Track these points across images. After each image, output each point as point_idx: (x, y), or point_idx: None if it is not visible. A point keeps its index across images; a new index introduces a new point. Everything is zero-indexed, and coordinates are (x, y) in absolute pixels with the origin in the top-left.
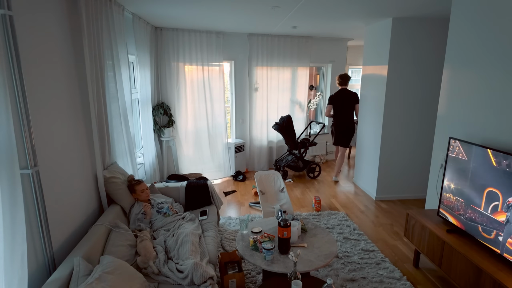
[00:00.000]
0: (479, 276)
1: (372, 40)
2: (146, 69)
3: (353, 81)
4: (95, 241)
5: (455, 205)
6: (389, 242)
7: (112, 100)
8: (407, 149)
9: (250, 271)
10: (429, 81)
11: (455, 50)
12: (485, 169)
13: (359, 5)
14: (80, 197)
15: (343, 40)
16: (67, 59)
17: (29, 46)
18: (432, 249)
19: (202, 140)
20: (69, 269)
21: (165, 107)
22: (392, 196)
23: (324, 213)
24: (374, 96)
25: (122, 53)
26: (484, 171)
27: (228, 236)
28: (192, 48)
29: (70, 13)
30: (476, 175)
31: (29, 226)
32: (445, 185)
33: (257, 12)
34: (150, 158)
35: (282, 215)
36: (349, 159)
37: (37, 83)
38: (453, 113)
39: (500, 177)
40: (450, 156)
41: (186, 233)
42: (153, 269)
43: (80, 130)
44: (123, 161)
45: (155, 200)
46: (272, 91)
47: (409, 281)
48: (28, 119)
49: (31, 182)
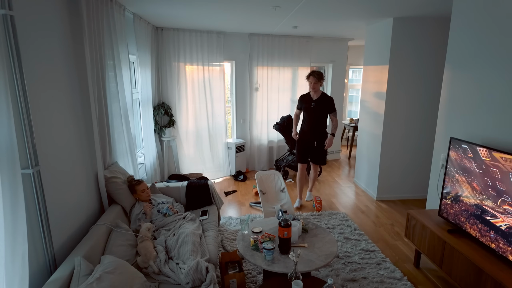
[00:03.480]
0: (480, 276)
1: (373, 40)
2: (147, 69)
3: (354, 81)
4: (96, 241)
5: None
6: (390, 242)
7: (113, 100)
8: (408, 149)
9: (251, 271)
10: (430, 81)
11: (456, 50)
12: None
13: (360, 5)
14: (81, 197)
15: (344, 40)
16: (68, 59)
17: (30, 46)
18: (432, 249)
19: (203, 140)
20: (70, 268)
21: (166, 107)
22: (393, 196)
23: (324, 213)
24: (375, 96)
25: (123, 53)
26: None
27: (229, 236)
28: (192, 48)
29: (71, 13)
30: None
31: (30, 226)
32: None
33: (257, 12)
34: (150, 158)
35: (283, 215)
36: (350, 159)
37: (38, 83)
38: (454, 113)
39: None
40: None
41: (187, 233)
42: (154, 269)
43: (81, 130)
44: (124, 161)
45: (155, 200)
46: (273, 91)
47: (409, 281)
48: (29, 119)
49: (32, 182)
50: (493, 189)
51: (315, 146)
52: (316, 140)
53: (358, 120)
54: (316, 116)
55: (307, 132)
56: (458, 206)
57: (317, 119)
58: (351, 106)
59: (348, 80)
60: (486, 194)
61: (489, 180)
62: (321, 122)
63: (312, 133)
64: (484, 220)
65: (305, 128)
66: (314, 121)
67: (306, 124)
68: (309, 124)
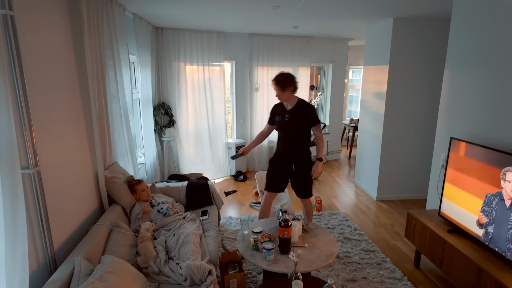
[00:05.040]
0: (480, 276)
1: (373, 40)
2: (147, 69)
3: (354, 81)
4: (96, 241)
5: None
6: (390, 242)
7: (113, 100)
8: (408, 149)
9: (251, 271)
10: (430, 81)
11: (456, 50)
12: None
13: (360, 4)
14: (81, 197)
15: (344, 40)
16: (68, 59)
17: (30, 46)
18: (433, 249)
19: (203, 140)
20: (70, 268)
21: (166, 107)
22: (393, 196)
23: (325, 213)
24: (375, 96)
25: (123, 53)
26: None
27: (229, 236)
28: (193, 48)
29: (71, 13)
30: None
31: (30, 226)
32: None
33: (258, 12)
34: (151, 158)
35: (283, 215)
36: (350, 159)
37: (38, 83)
38: (454, 113)
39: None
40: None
41: (187, 233)
42: (154, 269)
43: (81, 130)
44: (124, 161)
45: (156, 200)
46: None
47: (410, 282)
48: (29, 119)
49: (32, 182)
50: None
51: (294, 171)
52: (295, 163)
53: (358, 120)
54: (292, 132)
55: (283, 153)
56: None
57: (293, 136)
58: (351, 106)
59: (348, 80)
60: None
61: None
62: (299, 139)
63: (288, 155)
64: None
65: (280, 148)
66: (290, 138)
67: (281, 143)
68: (284, 143)
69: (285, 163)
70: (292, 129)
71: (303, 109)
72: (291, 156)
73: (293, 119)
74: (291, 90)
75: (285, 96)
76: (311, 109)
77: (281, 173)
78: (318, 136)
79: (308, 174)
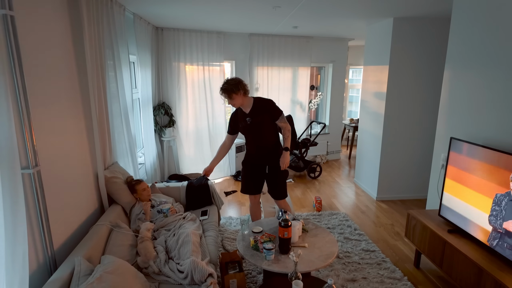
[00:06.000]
0: (480, 276)
1: (373, 40)
2: (147, 69)
3: (354, 81)
4: (96, 241)
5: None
6: (390, 242)
7: (113, 100)
8: (408, 149)
9: (251, 271)
10: (430, 81)
11: (456, 50)
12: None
13: (360, 4)
14: (81, 197)
15: (344, 40)
16: (68, 59)
17: (30, 46)
18: (433, 250)
19: (203, 140)
20: (70, 268)
21: (166, 107)
22: (393, 196)
23: (324, 213)
24: (375, 96)
25: (123, 53)
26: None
27: (229, 236)
28: (193, 48)
29: (71, 13)
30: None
31: (30, 226)
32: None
33: (258, 12)
34: (151, 158)
35: (283, 215)
36: (350, 159)
37: (38, 83)
38: (454, 113)
39: None
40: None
41: (187, 233)
42: (154, 269)
43: (81, 130)
44: (124, 161)
45: (156, 200)
46: (273, 91)
47: (410, 282)
48: (29, 119)
49: (32, 182)
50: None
51: (268, 172)
52: (268, 164)
53: (358, 120)
54: (259, 133)
55: (254, 155)
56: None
57: (261, 137)
58: (351, 106)
59: (348, 80)
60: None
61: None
62: (268, 138)
63: (261, 156)
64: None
65: (251, 151)
66: (259, 140)
67: (251, 146)
68: (254, 145)
69: (258, 165)
70: (258, 130)
71: (261, 107)
72: (263, 157)
73: (255, 120)
74: (242, 94)
75: (238, 101)
76: (269, 103)
77: (254, 175)
78: (284, 127)
79: (280, 173)
